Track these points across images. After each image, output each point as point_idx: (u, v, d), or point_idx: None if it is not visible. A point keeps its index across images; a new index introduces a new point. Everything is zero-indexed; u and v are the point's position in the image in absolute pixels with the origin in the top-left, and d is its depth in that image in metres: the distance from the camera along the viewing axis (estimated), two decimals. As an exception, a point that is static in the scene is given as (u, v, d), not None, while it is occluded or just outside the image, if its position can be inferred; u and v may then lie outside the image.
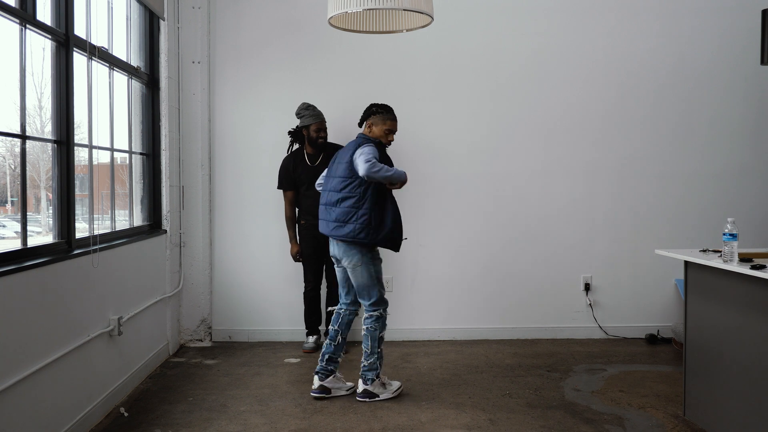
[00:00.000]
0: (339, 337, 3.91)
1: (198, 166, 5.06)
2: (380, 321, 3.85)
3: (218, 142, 5.14)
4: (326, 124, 4.81)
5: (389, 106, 3.93)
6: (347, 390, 3.91)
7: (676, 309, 5.16)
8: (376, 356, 3.84)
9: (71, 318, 3.24)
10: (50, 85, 3.35)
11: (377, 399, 3.81)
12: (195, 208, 5.07)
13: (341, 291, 3.99)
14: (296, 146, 4.89)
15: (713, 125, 5.24)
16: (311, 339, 4.91)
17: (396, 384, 3.92)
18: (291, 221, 4.85)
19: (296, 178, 4.79)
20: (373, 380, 3.83)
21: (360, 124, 3.96)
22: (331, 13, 3.37)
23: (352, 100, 4.60)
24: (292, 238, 4.86)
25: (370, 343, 3.83)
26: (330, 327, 3.98)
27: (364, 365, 3.84)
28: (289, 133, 4.83)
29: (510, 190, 5.20)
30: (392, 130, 3.90)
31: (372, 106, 3.93)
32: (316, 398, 3.83)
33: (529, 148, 5.19)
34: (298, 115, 4.78)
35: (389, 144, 3.93)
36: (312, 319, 4.92)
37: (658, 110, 5.22)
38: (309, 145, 4.80)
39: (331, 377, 3.88)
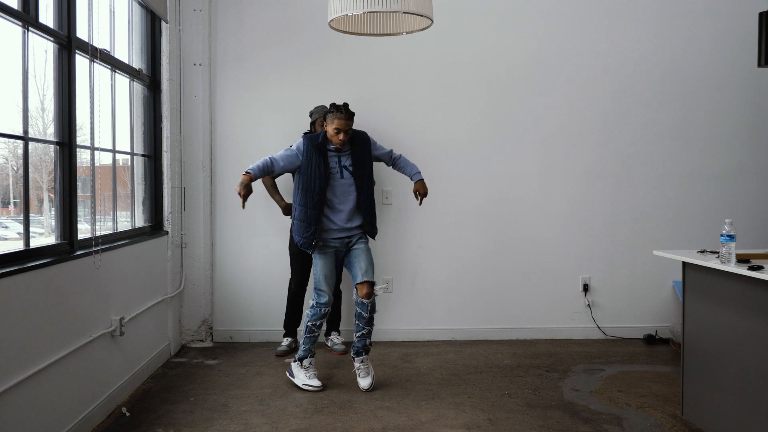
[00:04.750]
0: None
1: (199, 168, 5.08)
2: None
3: (219, 144, 5.17)
4: None
5: (341, 105, 3.91)
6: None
7: (674, 310, 5.18)
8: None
9: (73, 318, 3.26)
10: (52, 88, 3.37)
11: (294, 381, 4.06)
12: (196, 210, 5.09)
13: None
14: None
15: (711, 127, 5.26)
16: (286, 342, 4.86)
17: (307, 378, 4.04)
18: (272, 188, 4.84)
19: None
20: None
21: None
22: (332, 16, 3.39)
23: (353, 102, 4.62)
24: (279, 200, 4.83)
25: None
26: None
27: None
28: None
29: (509, 190, 5.22)
30: (339, 129, 3.88)
31: (330, 106, 3.96)
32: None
33: (529, 149, 5.22)
34: (311, 114, 4.80)
35: (339, 144, 3.92)
36: (292, 319, 4.88)
37: (655, 112, 5.24)
38: None
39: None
